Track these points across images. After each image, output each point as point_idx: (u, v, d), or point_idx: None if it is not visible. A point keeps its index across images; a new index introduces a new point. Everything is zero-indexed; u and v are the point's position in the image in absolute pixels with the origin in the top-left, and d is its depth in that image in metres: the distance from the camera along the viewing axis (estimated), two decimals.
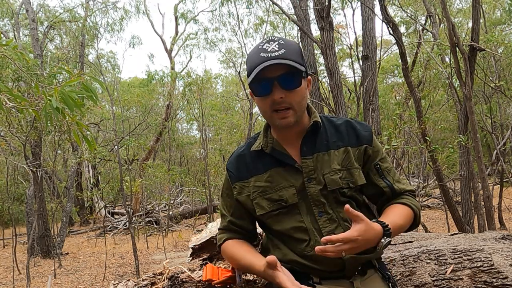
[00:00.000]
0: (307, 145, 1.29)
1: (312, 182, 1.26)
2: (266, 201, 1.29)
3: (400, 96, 12.98)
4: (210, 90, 21.77)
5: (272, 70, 1.17)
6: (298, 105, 1.23)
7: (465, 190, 5.90)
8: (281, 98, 1.19)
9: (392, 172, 1.35)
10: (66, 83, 1.91)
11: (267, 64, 1.16)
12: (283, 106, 1.21)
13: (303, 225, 1.26)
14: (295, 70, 1.19)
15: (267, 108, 1.24)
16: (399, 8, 10.53)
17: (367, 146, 1.31)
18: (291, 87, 1.20)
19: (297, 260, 1.27)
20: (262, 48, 1.20)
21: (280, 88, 1.19)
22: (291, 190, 1.27)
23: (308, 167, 1.27)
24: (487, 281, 1.51)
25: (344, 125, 1.34)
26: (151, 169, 14.39)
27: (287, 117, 1.22)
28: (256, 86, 1.22)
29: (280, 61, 1.16)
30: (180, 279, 1.80)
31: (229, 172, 1.38)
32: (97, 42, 16.50)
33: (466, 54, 4.38)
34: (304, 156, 1.28)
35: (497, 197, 8.49)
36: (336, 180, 1.26)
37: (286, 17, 9.52)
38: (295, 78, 1.21)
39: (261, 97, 1.23)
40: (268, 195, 1.29)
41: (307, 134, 1.30)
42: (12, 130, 7.82)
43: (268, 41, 1.21)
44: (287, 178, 1.28)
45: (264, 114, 1.28)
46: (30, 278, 7.05)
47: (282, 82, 1.19)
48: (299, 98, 1.23)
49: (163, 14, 35.03)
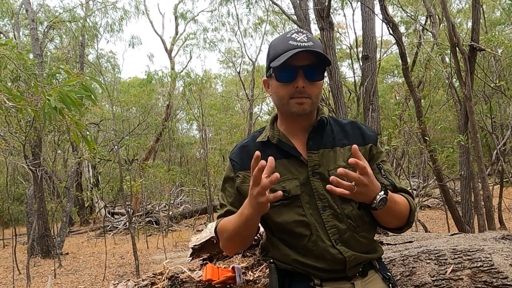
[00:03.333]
0: (313, 139, 1.29)
1: (316, 176, 1.26)
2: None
3: (400, 96, 12.98)
4: (209, 90, 21.78)
5: (300, 58, 1.19)
6: (316, 98, 1.26)
7: (465, 190, 5.90)
8: (303, 88, 1.21)
9: (393, 174, 1.35)
10: (65, 83, 1.91)
11: (299, 51, 1.17)
12: (303, 96, 1.23)
13: (305, 219, 1.24)
14: (321, 63, 1.22)
15: (285, 95, 1.24)
16: (399, 8, 10.53)
17: (372, 145, 1.32)
18: (314, 79, 1.23)
19: (298, 259, 1.26)
20: (291, 37, 1.22)
21: (304, 77, 1.21)
22: (295, 182, 1.26)
23: (313, 161, 1.27)
24: (487, 281, 1.51)
25: (349, 125, 1.35)
26: (151, 169, 14.39)
27: (304, 103, 1.23)
28: (280, 71, 1.23)
29: (313, 48, 1.19)
30: (180, 279, 1.80)
31: (232, 161, 1.36)
32: (97, 42, 16.49)
33: (466, 54, 4.37)
34: (310, 150, 1.28)
35: (497, 197, 8.48)
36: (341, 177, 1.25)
37: (286, 17, 9.52)
38: (320, 71, 1.24)
39: (283, 82, 1.23)
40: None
41: (313, 129, 1.30)
42: (11, 130, 7.82)
43: (297, 32, 1.24)
44: (291, 170, 1.27)
45: (280, 101, 1.27)
46: (30, 278, 7.05)
47: (307, 72, 1.21)
48: (318, 91, 1.26)
49: (163, 14, 35.04)
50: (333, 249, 1.23)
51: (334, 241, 1.23)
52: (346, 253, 1.22)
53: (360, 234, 1.27)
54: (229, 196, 1.37)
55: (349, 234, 1.25)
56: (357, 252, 1.25)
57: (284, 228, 1.27)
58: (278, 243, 1.31)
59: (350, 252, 1.23)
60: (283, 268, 1.30)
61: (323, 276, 1.25)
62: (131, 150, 16.52)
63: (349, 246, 1.24)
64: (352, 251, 1.24)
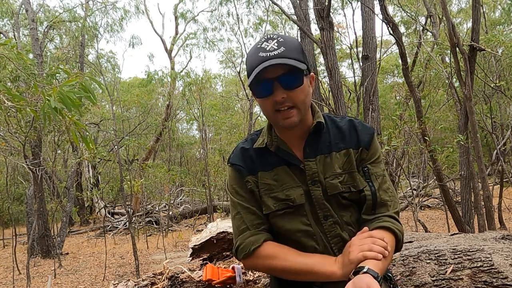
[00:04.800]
0: (310, 146, 1.26)
1: (316, 184, 1.23)
2: (271, 200, 1.25)
3: (400, 96, 12.98)
4: (209, 90, 21.77)
5: (272, 70, 1.14)
6: (302, 104, 1.20)
7: (465, 190, 5.89)
8: (283, 98, 1.16)
9: (382, 179, 1.27)
10: (65, 83, 1.91)
11: (265, 65, 1.12)
12: (286, 106, 1.17)
13: (310, 229, 1.22)
14: (295, 69, 1.15)
15: (269, 109, 1.20)
16: (399, 8, 10.53)
17: (362, 149, 1.27)
18: (292, 87, 1.17)
19: None
20: (260, 47, 1.16)
21: (281, 88, 1.16)
22: (299, 190, 1.23)
23: (311, 169, 1.24)
24: (487, 281, 1.51)
25: (347, 126, 1.30)
26: (151, 169, 14.39)
27: (291, 116, 1.18)
28: (256, 87, 1.19)
29: (279, 60, 1.12)
30: (180, 279, 1.80)
31: (236, 166, 1.30)
32: (97, 42, 16.51)
33: (466, 54, 4.37)
34: (307, 158, 1.24)
35: (497, 197, 8.47)
36: (336, 185, 1.22)
37: (286, 17, 9.52)
38: (296, 77, 1.17)
39: (262, 98, 1.19)
40: (274, 193, 1.25)
41: (310, 135, 1.26)
42: (11, 130, 7.82)
43: (267, 39, 1.18)
44: (294, 178, 1.24)
45: (267, 115, 1.24)
46: (30, 278, 7.05)
47: (282, 82, 1.15)
48: (302, 96, 1.19)
49: (163, 14, 35.03)
50: None
51: (337, 251, 1.22)
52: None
53: None
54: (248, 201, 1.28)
55: None
56: None
57: (289, 237, 1.25)
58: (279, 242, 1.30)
59: None
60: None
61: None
62: (131, 150, 16.53)
63: None
64: None
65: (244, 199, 1.29)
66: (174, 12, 17.66)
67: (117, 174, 13.35)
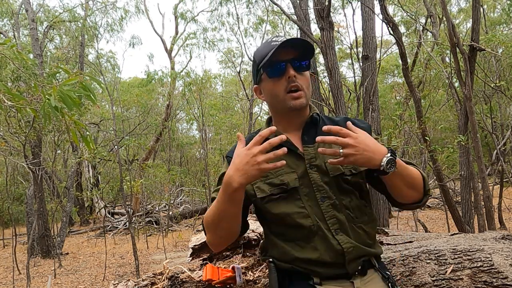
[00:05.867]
0: (308, 134, 1.33)
1: (314, 168, 1.28)
2: (267, 186, 1.30)
3: (400, 96, 12.98)
4: (209, 90, 21.77)
5: (285, 54, 1.26)
6: (307, 89, 1.31)
7: (465, 190, 5.90)
8: (295, 77, 1.27)
9: None
10: (64, 82, 1.91)
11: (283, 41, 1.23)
12: (296, 86, 1.27)
13: (304, 211, 1.26)
14: (305, 54, 1.28)
15: (280, 90, 1.29)
16: (399, 7, 10.53)
17: None
18: (302, 69, 1.29)
19: (297, 256, 1.25)
20: (272, 40, 1.30)
21: (293, 69, 1.27)
22: (293, 175, 1.28)
23: (309, 154, 1.30)
24: (487, 281, 1.51)
25: (343, 121, 1.36)
26: (151, 169, 14.39)
27: (301, 97, 1.28)
28: (269, 69, 1.29)
29: (294, 40, 1.26)
30: (180, 279, 1.80)
31: (229, 159, 1.31)
32: (97, 42, 16.52)
33: (466, 54, 4.37)
34: (306, 144, 1.31)
35: (497, 197, 8.48)
36: (337, 167, 1.27)
37: (286, 17, 9.51)
38: (305, 62, 1.30)
39: (275, 78, 1.29)
40: (270, 179, 1.29)
41: (306, 125, 1.35)
42: (11, 130, 7.82)
43: (277, 36, 1.31)
44: (289, 164, 1.28)
45: (276, 98, 1.31)
46: (30, 278, 7.05)
47: (294, 64, 1.27)
48: (307, 83, 1.31)
49: (163, 14, 35.07)
50: (333, 239, 1.23)
51: (334, 231, 1.24)
52: (344, 244, 1.23)
53: (358, 226, 1.28)
54: None
55: (347, 225, 1.26)
56: (356, 243, 1.25)
57: (283, 220, 1.28)
58: (276, 240, 1.31)
59: (348, 243, 1.23)
60: (282, 267, 1.30)
61: (323, 273, 1.25)
62: (131, 150, 16.53)
63: (348, 235, 1.25)
64: (350, 242, 1.24)
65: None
66: (174, 12, 17.66)
67: (117, 174, 13.35)
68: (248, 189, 1.31)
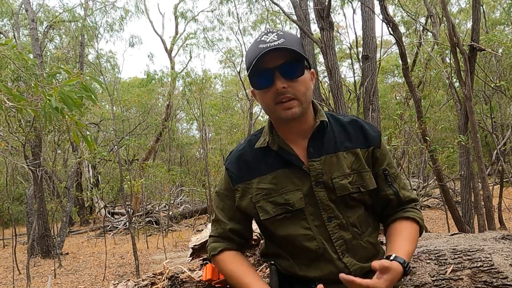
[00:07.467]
0: (314, 146, 1.21)
1: (320, 186, 1.19)
2: (270, 205, 1.21)
3: (401, 96, 12.98)
4: (209, 90, 21.75)
5: (272, 59, 1.11)
6: (303, 96, 1.15)
7: (465, 190, 5.89)
8: (284, 88, 1.12)
9: (399, 178, 1.29)
10: (65, 83, 1.91)
11: (266, 50, 1.09)
12: (287, 97, 1.13)
13: (310, 233, 1.20)
14: (297, 57, 1.13)
15: (270, 102, 1.16)
16: (399, 7, 10.53)
17: (374, 148, 1.25)
18: (294, 76, 1.13)
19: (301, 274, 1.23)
20: (260, 40, 1.14)
21: (282, 78, 1.12)
22: (298, 194, 1.19)
23: (316, 170, 1.19)
24: (487, 281, 1.51)
25: (351, 124, 1.27)
26: (151, 169, 14.39)
27: (292, 107, 1.14)
28: (256, 78, 1.16)
29: (281, 46, 1.10)
30: (180, 279, 1.80)
31: (229, 172, 1.28)
32: (97, 42, 16.50)
33: (466, 54, 4.37)
34: (312, 158, 1.20)
35: (497, 197, 8.47)
36: (346, 186, 1.19)
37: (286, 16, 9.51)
38: (297, 66, 1.14)
39: (263, 89, 1.16)
40: (273, 198, 1.21)
41: (313, 134, 1.22)
42: (11, 130, 7.82)
43: (267, 33, 1.15)
44: (294, 181, 1.20)
45: (267, 109, 1.20)
46: (30, 278, 7.05)
47: (283, 71, 1.12)
48: (303, 88, 1.15)
49: (163, 14, 35.00)
50: (340, 262, 1.20)
51: (341, 253, 1.20)
52: (352, 267, 1.20)
53: (365, 240, 1.24)
54: (228, 210, 1.31)
55: (354, 243, 1.21)
56: (363, 263, 1.22)
57: (290, 242, 1.23)
58: (284, 254, 1.28)
59: (356, 265, 1.20)
60: (283, 273, 1.28)
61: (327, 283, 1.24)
62: (131, 150, 16.51)
63: (355, 256, 1.21)
64: (358, 262, 1.21)
65: (220, 206, 1.32)
66: (174, 12, 17.65)
67: (117, 174, 13.34)
68: (251, 209, 1.25)
